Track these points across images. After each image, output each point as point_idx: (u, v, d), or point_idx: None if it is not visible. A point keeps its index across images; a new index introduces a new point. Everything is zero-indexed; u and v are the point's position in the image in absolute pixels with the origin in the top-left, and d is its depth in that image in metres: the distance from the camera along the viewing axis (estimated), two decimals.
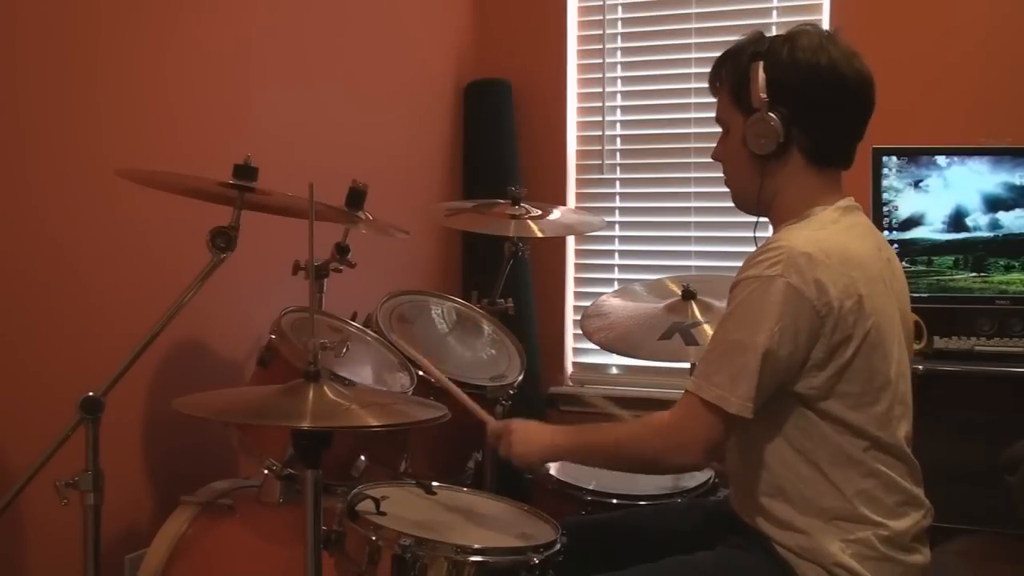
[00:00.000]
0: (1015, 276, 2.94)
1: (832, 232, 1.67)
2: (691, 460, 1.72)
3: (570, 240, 3.72)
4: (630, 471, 1.85)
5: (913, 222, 3.00)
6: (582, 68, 3.72)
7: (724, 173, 1.82)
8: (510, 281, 2.81)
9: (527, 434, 1.82)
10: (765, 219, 1.80)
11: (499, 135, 3.68)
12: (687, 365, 2.46)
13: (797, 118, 1.67)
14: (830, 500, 1.64)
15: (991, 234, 2.95)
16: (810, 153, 1.70)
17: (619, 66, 3.69)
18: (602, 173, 3.70)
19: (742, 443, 1.71)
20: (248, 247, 1.94)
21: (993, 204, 2.95)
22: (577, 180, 3.75)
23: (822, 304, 1.58)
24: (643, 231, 3.68)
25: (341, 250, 2.52)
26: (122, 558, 2.36)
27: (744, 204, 1.80)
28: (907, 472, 1.69)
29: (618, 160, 3.70)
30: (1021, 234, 2.94)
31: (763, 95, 1.67)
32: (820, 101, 1.68)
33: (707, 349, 1.68)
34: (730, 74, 1.75)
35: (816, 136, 1.69)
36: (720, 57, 1.78)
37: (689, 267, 3.53)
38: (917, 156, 3.00)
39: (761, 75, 1.67)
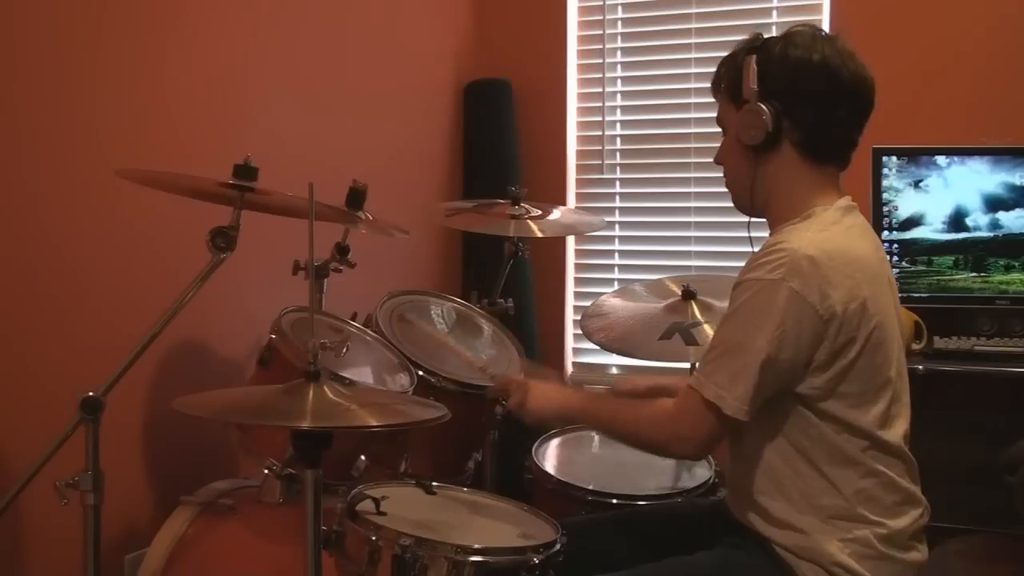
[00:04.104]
0: (1015, 276, 2.94)
1: (835, 233, 1.67)
2: (688, 452, 1.76)
3: (570, 240, 3.73)
4: (630, 446, 1.92)
5: (913, 222, 3.00)
6: (582, 68, 3.72)
7: (724, 175, 1.82)
8: (510, 281, 2.81)
9: (545, 390, 1.90)
10: (759, 220, 1.79)
11: (499, 135, 3.68)
12: (687, 365, 2.46)
13: (788, 111, 1.68)
14: (828, 498, 1.64)
15: (991, 234, 2.95)
16: (802, 146, 1.70)
17: (619, 66, 3.69)
18: (602, 173, 3.70)
19: (740, 443, 1.72)
20: (248, 247, 1.94)
21: (993, 204, 2.95)
22: (577, 180, 3.75)
23: (825, 308, 1.58)
24: (643, 231, 3.68)
25: (341, 250, 2.51)
26: (122, 558, 2.36)
27: (741, 202, 1.80)
28: (905, 471, 1.69)
29: (618, 160, 3.70)
30: (1021, 234, 2.94)
31: (754, 86, 1.68)
32: (810, 95, 1.68)
33: (710, 346, 1.69)
34: (727, 73, 1.76)
35: (807, 129, 1.69)
36: (721, 60, 1.79)
37: (689, 267, 3.53)
38: (917, 156, 3.00)
39: (753, 68, 1.69)
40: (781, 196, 1.73)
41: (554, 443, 2.54)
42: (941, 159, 2.99)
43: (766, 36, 1.74)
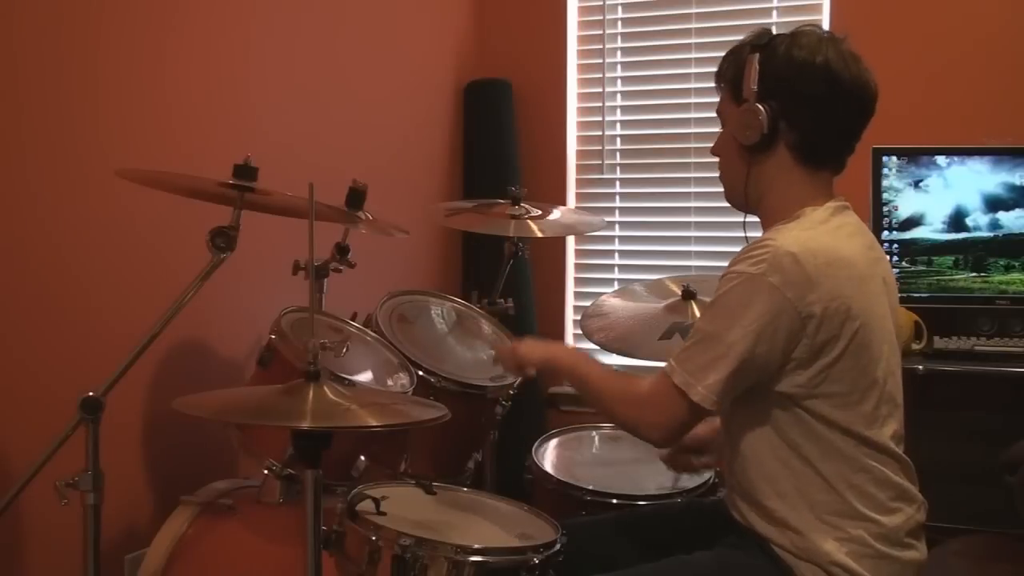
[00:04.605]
0: (1015, 276, 2.94)
1: (820, 232, 1.67)
2: (655, 437, 1.76)
3: (570, 240, 3.73)
4: (605, 417, 1.93)
5: (913, 222, 3.00)
6: (582, 68, 3.72)
7: (718, 167, 1.83)
8: (510, 281, 2.81)
9: (536, 341, 1.98)
10: (756, 219, 1.79)
11: (499, 135, 3.68)
12: None
13: (785, 112, 1.68)
14: (823, 494, 1.64)
15: (991, 234, 2.95)
16: (797, 149, 1.70)
17: (619, 66, 3.69)
18: (602, 173, 3.70)
19: (735, 441, 1.72)
20: (248, 247, 1.94)
21: (993, 204, 2.95)
22: (577, 180, 3.75)
23: (804, 305, 1.58)
24: (643, 231, 3.68)
25: (341, 250, 2.51)
26: (122, 558, 2.36)
27: (733, 198, 1.81)
28: (899, 468, 1.69)
29: (618, 160, 3.70)
30: (1021, 234, 2.94)
31: (753, 86, 1.68)
32: (810, 98, 1.68)
33: (689, 334, 1.70)
34: (730, 67, 1.76)
35: (804, 133, 1.69)
36: (726, 53, 1.79)
37: (689, 267, 3.53)
38: (917, 156, 3.00)
39: (755, 67, 1.69)
40: (773, 197, 1.74)
41: (554, 443, 2.54)
42: (941, 159, 2.99)
43: (775, 33, 1.73)
